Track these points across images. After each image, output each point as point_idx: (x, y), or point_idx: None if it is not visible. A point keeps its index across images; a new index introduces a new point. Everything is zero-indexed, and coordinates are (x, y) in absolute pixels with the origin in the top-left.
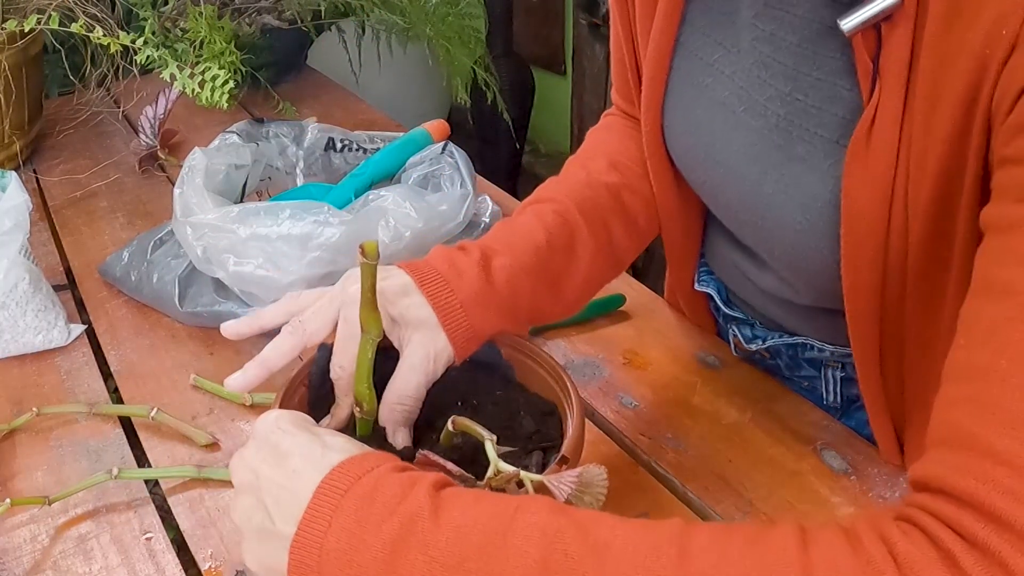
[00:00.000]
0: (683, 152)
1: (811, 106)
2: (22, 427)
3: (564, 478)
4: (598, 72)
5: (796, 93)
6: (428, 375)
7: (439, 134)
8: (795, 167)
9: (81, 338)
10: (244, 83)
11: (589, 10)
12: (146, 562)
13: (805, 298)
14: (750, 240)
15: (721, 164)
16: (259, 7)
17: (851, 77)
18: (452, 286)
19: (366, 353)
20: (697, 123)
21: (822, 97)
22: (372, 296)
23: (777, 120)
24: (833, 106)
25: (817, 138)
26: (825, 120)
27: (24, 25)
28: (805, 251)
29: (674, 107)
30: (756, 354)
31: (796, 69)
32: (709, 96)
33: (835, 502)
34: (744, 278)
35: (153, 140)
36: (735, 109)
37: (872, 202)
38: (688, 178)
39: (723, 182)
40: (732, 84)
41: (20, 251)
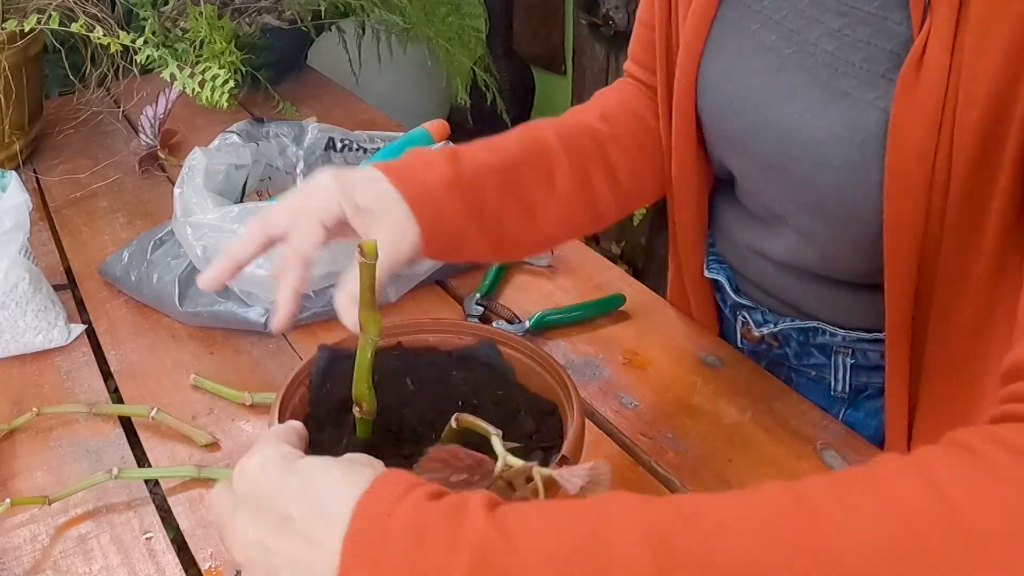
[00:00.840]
0: (720, 101)
1: (860, 41)
2: (22, 427)
3: (575, 472)
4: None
5: (846, 29)
6: (392, 259)
7: (439, 134)
8: (839, 103)
9: (81, 338)
10: (244, 83)
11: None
12: (146, 562)
13: (827, 262)
14: (779, 192)
15: (761, 107)
16: (259, 7)
17: (902, 10)
18: (421, 175)
19: (365, 353)
20: (739, 69)
21: (872, 31)
22: (371, 296)
23: (825, 57)
24: (882, 40)
25: (864, 73)
26: (873, 54)
27: (24, 25)
28: (844, 191)
29: (714, 56)
30: (764, 343)
31: (848, 4)
32: (755, 41)
33: None
34: (757, 256)
35: (153, 140)
36: (781, 51)
37: (921, 132)
38: (720, 128)
39: (761, 126)
40: (780, 28)
41: (20, 251)
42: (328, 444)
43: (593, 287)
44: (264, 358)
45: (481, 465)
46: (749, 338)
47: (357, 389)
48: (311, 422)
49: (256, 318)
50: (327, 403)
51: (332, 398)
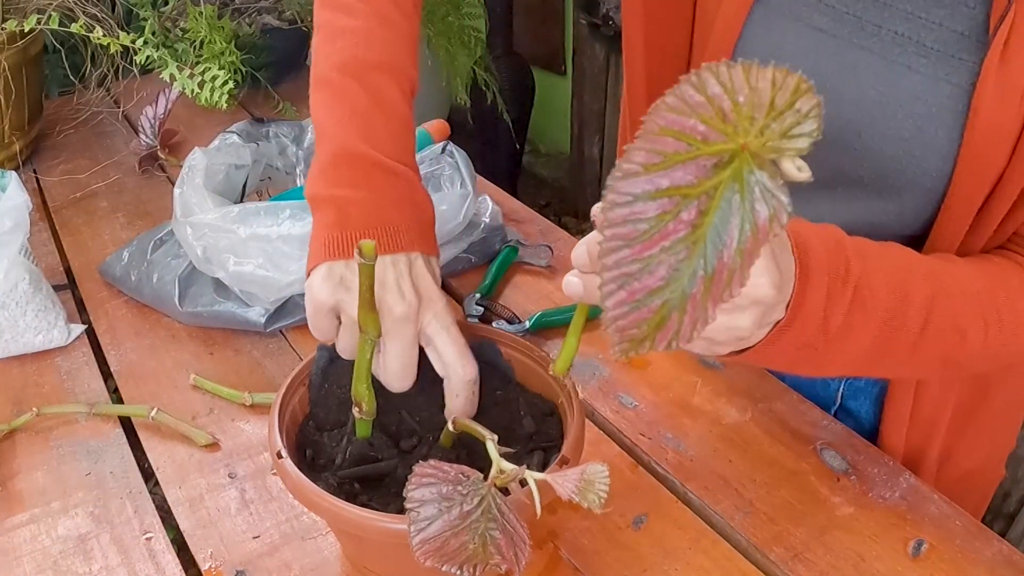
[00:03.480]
0: None
1: (932, 23)
2: (22, 427)
3: (568, 476)
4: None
5: (919, 12)
6: None
7: (439, 134)
8: (907, 78)
9: (81, 338)
10: (244, 83)
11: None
12: (146, 562)
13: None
14: (828, 163)
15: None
16: (259, 7)
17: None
18: None
19: (365, 353)
20: (785, 52)
21: (946, 14)
22: (370, 296)
23: (892, 37)
24: (955, 23)
25: (934, 53)
26: (944, 36)
27: (24, 25)
28: (908, 163)
29: (754, 38)
30: None
31: None
32: (803, 24)
33: (835, 502)
34: None
35: (153, 140)
36: (837, 33)
37: (1005, 114)
38: None
39: None
40: (834, 11)
41: (20, 251)
42: (328, 444)
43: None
44: (264, 358)
45: (467, 477)
46: None
47: (356, 389)
48: (311, 422)
49: (256, 318)
50: (326, 404)
51: (332, 398)
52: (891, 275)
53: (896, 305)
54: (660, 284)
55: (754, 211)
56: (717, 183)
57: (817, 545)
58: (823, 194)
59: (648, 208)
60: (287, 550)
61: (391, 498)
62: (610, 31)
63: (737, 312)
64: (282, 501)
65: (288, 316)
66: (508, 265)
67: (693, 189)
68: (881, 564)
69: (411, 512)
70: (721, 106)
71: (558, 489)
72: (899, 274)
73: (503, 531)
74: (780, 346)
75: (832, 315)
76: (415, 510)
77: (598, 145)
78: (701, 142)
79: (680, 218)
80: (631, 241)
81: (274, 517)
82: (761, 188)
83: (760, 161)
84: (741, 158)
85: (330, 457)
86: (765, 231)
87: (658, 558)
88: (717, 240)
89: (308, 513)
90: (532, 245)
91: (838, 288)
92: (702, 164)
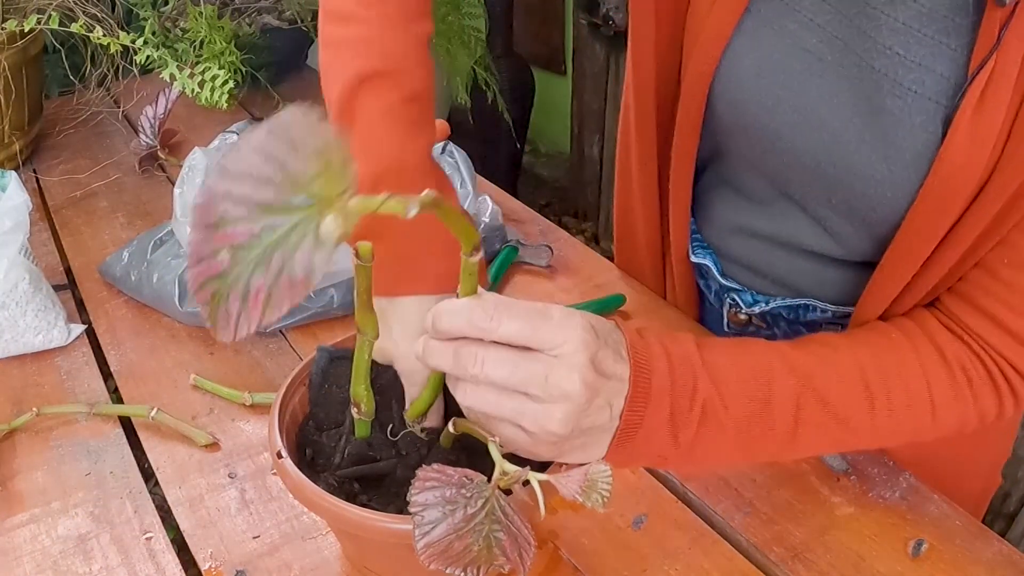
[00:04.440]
0: (747, 95)
1: (912, 61)
2: (22, 427)
3: (571, 476)
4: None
5: (898, 48)
6: None
7: (439, 134)
8: (883, 119)
9: (81, 338)
10: (244, 83)
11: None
12: (146, 562)
13: (836, 245)
14: (801, 185)
15: (798, 110)
16: (259, 7)
17: (961, 38)
18: None
19: (363, 354)
20: (773, 67)
21: (926, 54)
22: (367, 298)
23: (871, 72)
24: (936, 63)
25: (911, 94)
26: (924, 78)
27: (24, 25)
28: (877, 200)
29: (744, 50)
30: (751, 325)
31: (904, 22)
32: (793, 41)
33: (835, 502)
34: (745, 235)
35: (153, 140)
36: (823, 56)
37: (974, 161)
38: (742, 120)
39: (796, 128)
40: (823, 32)
41: (20, 251)
42: (327, 444)
43: (593, 287)
44: (264, 358)
45: (471, 480)
46: (735, 321)
47: (355, 390)
48: (311, 422)
49: None
50: (326, 404)
51: (332, 399)
52: (749, 383)
53: (756, 411)
54: (216, 273)
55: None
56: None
57: (817, 545)
58: (793, 209)
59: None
60: (287, 550)
61: (391, 498)
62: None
63: (547, 404)
64: (282, 501)
65: (288, 316)
66: (508, 265)
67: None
68: (881, 564)
69: (415, 516)
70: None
71: (562, 490)
72: (758, 380)
73: (507, 533)
74: (629, 452)
75: (681, 431)
76: (419, 514)
77: (598, 145)
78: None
79: (240, 228)
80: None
81: (274, 517)
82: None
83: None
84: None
85: (329, 457)
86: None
87: (658, 558)
88: (262, 263)
89: (308, 513)
90: (532, 245)
91: (684, 407)
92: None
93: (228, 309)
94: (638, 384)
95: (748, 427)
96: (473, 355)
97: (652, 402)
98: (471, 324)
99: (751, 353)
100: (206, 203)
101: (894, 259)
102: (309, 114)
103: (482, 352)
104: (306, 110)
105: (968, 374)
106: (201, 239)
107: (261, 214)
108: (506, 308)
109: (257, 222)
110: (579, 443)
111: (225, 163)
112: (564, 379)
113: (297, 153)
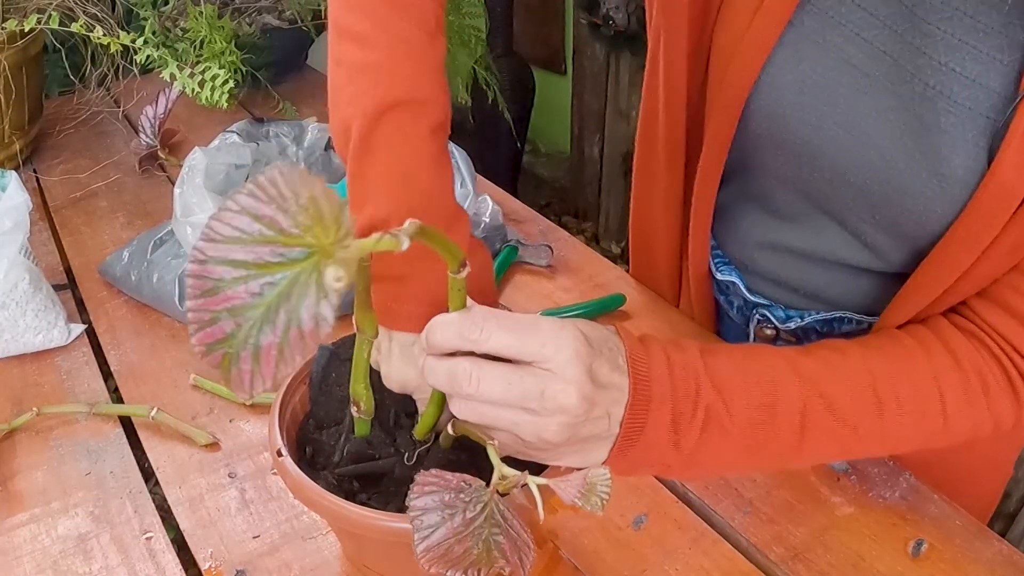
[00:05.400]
0: (788, 110)
1: (966, 77)
2: (22, 427)
3: (571, 480)
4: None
5: (953, 64)
6: None
7: None
8: (935, 136)
9: (81, 338)
10: (244, 83)
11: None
12: (146, 562)
13: (873, 259)
14: (842, 202)
15: (843, 127)
16: (259, 7)
17: (1014, 53)
18: None
19: (362, 353)
20: (817, 82)
21: (981, 70)
22: (367, 296)
23: (924, 89)
24: (989, 79)
25: (965, 110)
26: (976, 93)
27: (24, 25)
28: (925, 216)
29: (785, 63)
30: (779, 340)
31: (961, 39)
32: (838, 56)
33: (835, 502)
34: (773, 250)
35: (153, 140)
36: (870, 72)
37: (1020, 180)
38: (781, 135)
39: (841, 145)
40: (870, 48)
41: (20, 251)
42: (327, 442)
43: (593, 287)
44: None
45: (470, 484)
46: (763, 337)
47: (354, 388)
48: (311, 421)
49: None
50: (327, 402)
51: (332, 397)
52: (753, 389)
53: (762, 419)
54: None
55: (302, 307)
56: (288, 272)
57: (817, 545)
58: (829, 225)
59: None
60: (287, 550)
61: (390, 496)
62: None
63: (544, 416)
64: (282, 501)
65: None
66: (508, 265)
67: (261, 268)
68: (881, 564)
69: (414, 520)
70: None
71: (561, 494)
72: (763, 386)
73: (506, 536)
74: (631, 459)
75: (683, 438)
76: (418, 518)
77: (598, 145)
78: (278, 231)
79: (239, 289)
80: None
81: (274, 517)
82: (317, 289)
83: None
84: (319, 257)
85: (329, 455)
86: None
87: (658, 558)
88: (269, 321)
89: (308, 513)
90: (532, 245)
91: (687, 414)
92: (274, 250)
93: (240, 369)
94: (637, 391)
95: (753, 433)
96: (468, 373)
97: (653, 409)
98: (461, 336)
99: (756, 359)
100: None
101: (929, 270)
102: (291, 170)
103: (476, 371)
104: (288, 166)
105: (984, 380)
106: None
107: (258, 273)
108: (495, 320)
109: (255, 281)
110: (576, 449)
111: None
112: (560, 393)
113: (287, 207)
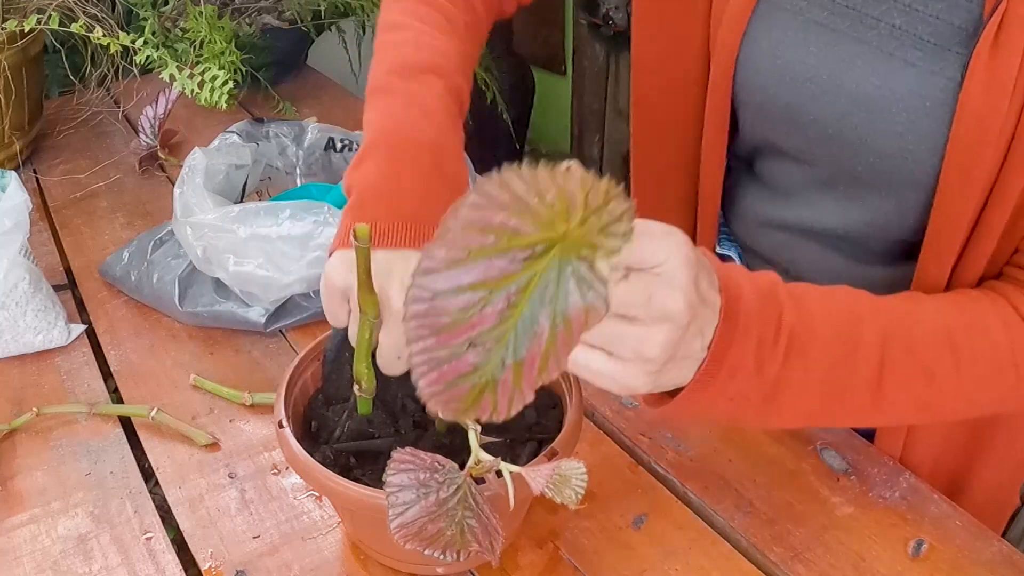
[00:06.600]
0: (768, 78)
1: (930, 15)
2: (22, 427)
3: (540, 470)
4: (598, 72)
5: (916, 4)
6: None
7: None
8: (903, 72)
9: (81, 338)
10: (244, 83)
11: (589, 10)
12: (146, 562)
13: (870, 229)
14: (830, 160)
15: (816, 80)
16: (259, 7)
17: None
18: None
19: (364, 334)
20: (788, 45)
21: (943, 7)
22: (368, 279)
23: (889, 30)
24: (953, 16)
25: (930, 46)
26: (941, 29)
27: (24, 25)
28: (905, 155)
29: (759, 34)
30: None
31: None
32: (805, 18)
33: (835, 502)
34: (775, 228)
35: (153, 140)
36: (836, 26)
37: (994, 106)
38: (766, 103)
39: (818, 96)
40: (833, 4)
41: (20, 251)
42: (331, 418)
43: None
44: (264, 358)
45: (443, 465)
46: None
47: (357, 368)
48: (320, 397)
49: (256, 318)
50: (338, 380)
51: (343, 375)
52: (835, 319)
53: (843, 350)
54: (469, 370)
55: (568, 302)
56: (532, 274)
57: (817, 545)
58: (825, 194)
59: (450, 303)
60: (287, 550)
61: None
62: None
63: (648, 327)
64: (282, 501)
65: (288, 316)
66: None
67: (501, 282)
68: (881, 564)
69: (390, 496)
70: (528, 203)
71: (531, 483)
72: (845, 317)
73: (478, 520)
74: (709, 394)
75: (767, 364)
76: (394, 495)
77: (598, 145)
78: (511, 235)
79: (485, 312)
80: (437, 331)
81: (274, 517)
82: (577, 279)
83: (579, 252)
84: (562, 247)
85: (332, 431)
86: (580, 322)
87: (658, 558)
88: (527, 330)
89: (308, 513)
90: None
91: (771, 336)
92: (513, 256)
93: (498, 394)
94: (728, 313)
95: (835, 364)
96: None
97: (739, 331)
98: None
99: (837, 292)
100: (425, 311)
101: (937, 229)
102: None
103: None
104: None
105: None
106: (432, 346)
107: (499, 288)
108: None
109: (499, 296)
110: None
111: (427, 263)
112: (668, 298)
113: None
